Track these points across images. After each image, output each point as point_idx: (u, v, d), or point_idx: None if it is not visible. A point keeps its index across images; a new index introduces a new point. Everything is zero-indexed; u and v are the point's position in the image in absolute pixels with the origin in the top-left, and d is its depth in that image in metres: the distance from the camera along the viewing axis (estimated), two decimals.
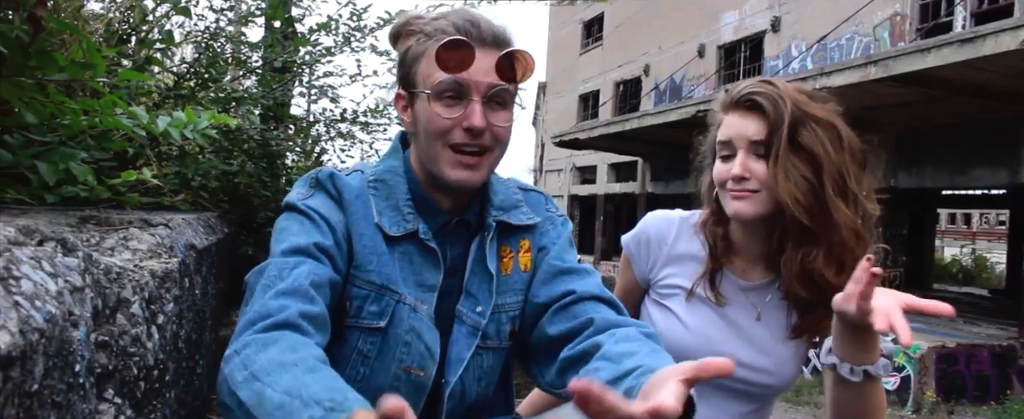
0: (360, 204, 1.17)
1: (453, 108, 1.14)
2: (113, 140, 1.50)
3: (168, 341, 0.94)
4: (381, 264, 1.14)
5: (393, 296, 1.14)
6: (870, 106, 8.59)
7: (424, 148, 1.18)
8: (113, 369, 0.76)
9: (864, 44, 11.81)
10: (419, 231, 1.17)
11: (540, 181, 27.86)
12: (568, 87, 24.71)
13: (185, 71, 2.10)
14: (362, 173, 1.23)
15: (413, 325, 1.14)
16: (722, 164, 1.41)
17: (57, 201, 1.41)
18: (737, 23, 15.26)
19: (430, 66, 1.13)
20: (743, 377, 1.43)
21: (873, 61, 7.65)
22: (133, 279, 0.85)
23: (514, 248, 1.27)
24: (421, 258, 1.18)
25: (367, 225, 1.15)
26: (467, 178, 1.16)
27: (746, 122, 1.38)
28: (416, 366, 1.14)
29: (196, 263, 1.18)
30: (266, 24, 2.62)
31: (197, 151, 1.91)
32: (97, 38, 1.96)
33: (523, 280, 1.27)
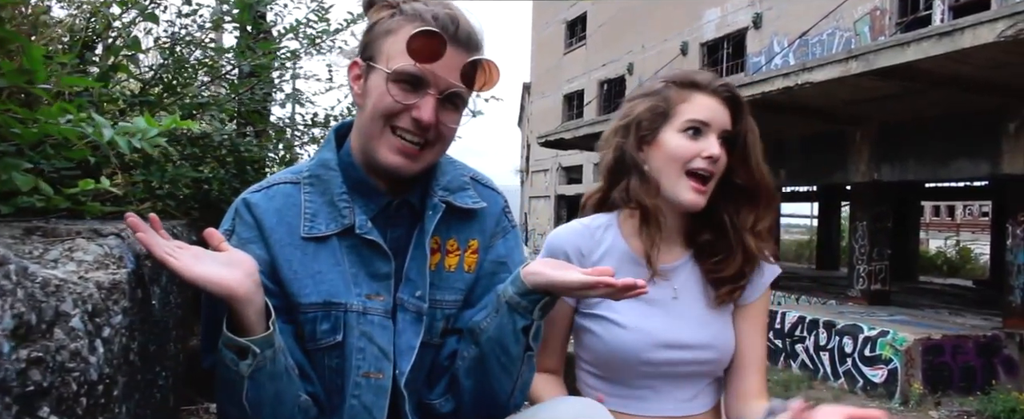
0: (283, 227, 1.15)
1: (408, 94, 1.12)
2: (74, 149, 1.47)
3: (116, 354, 0.91)
4: (318, 282, 1.13)
5: (338, 308, 1.13)
6: (852, 100, 8.63)
7: (366, 124, 1.16)
8: (49, 386, 0.73)
9: (845, 39, 11.87)
10: (355, 225, 1.15)
11: (527, 181, 27.87)
12: (553, 87, 24.73)
13: (151, 77, 2.06)
14: (285, 183, 1.20)
15: (364, 330, 1.13)
16: (689, 141, 1.43)
17: (12, 212, 1.38)
18: (719, 20, 15.32)
19: (397, 46, 1.12)
20: (690, 358, 1.47)
21: (854, 56, 7.66)
22: (74, 292, 0.82)
23: (462, 245, 1.25)
24: (367, 250, 1.16)
25: (293, 248, 1.14)
26: (402, 165, 1.14)
27: (722, 110, 1.45)
28: (373, 370, 1.13)
29: (153, 273, 1.15)
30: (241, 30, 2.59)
31: (162, 159, 1.88)
32: (58, 45, 1.92)
33: (465, 281, 1.25)
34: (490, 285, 1.26)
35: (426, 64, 1.10)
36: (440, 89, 1.13)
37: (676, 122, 1.44)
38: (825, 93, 8.31)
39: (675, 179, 1.43)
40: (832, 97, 8.59)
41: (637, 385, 1.49)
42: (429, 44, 1.09)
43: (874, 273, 9.71)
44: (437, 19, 1.12)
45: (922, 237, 20.73)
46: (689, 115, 1.43)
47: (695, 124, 1.43)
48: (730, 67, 15.02)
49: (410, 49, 1.09)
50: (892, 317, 8.19)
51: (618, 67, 19.64)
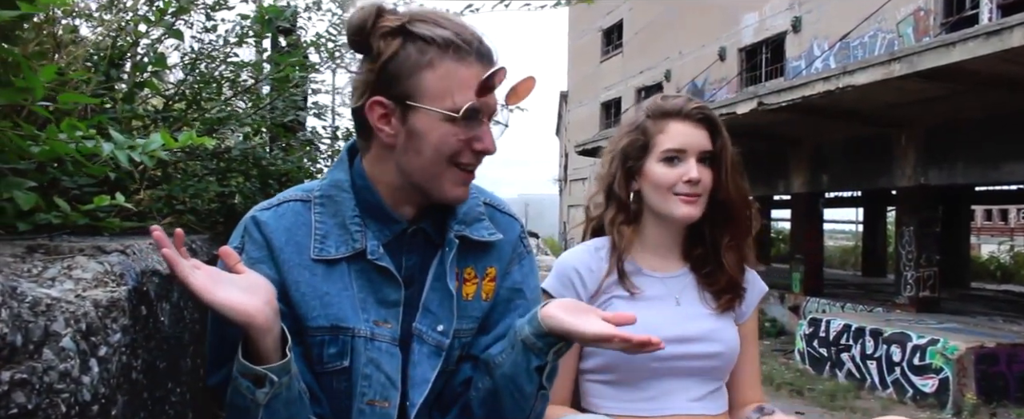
0: (292, 247, 1.12)
1: (469, 130, 1.09)
2: (94, 165, 1.47)
3: (114, 373, 0.89)
4: (326, 305, 1.10)
5: (346, 333, 1.10)
6: (896, 103, 8.42)
7: (423, 165, 1.11)
8: (34, 408, 0.72)
9: (888, 41, 11.59)
10: (367, 250, 1.12)
11: (565, 190, 27.80)
12: (590, 95, 24.65)
13: (173, 93, 2.08)
14: (295, 201, 1.17)
15: (371, 357, 1.10)
16: (668, 168, 1.56)
17: (29, 229, 1.39)
18: (757, 25, 15.09)
19: (446, 83, 1.06)
20: (697, 351, 1.55)
21: (897, 57, 7.48)
22: (67, 311, 0.81)
23: (479, 274, 1.22)
24: (378, 276, 1.13)
25: (302, 269, 1.11)
26: (464, 195, 1.14)
27: (697, 132, 1.55)
28: (379, 398, 1.10)
29: (161, 289, 1.14)
30: (272, 43, 2.61)
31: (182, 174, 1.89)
32: (83, 63, 1.95)
33: (481, 309, 1.22)
34: (506, 311, 1.24)
35: (488, 97, 1.09)
36: (489, 114, 1.12)
37: (656, 152, 1.57)
38: (867, 96, 8.13)
39: (665, 200, 1.56)
40: (875, 100, 8.39)
41: (645, 386, 1.55)
42: (495, 80, 1.08)
43: (923, 279, 9.44)
44: (467, 42, 1.09)
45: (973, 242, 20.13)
46: (665, 145, 1.56)
47: (671, 153, 1.55)
48: (769, 72, 14.78)
49: (482, 87, 1.07)
50: (942, 325, 7.92)
51: (655, 74, 19.49)
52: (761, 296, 1.71)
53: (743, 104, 9.46)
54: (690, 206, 1.54)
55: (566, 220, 27.83)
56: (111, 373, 0.89)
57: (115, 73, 2.02)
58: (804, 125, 10.08)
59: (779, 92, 8.92)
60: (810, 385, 7.76)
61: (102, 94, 1.93)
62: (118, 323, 0.92)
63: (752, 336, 1.71)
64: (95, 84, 1.88)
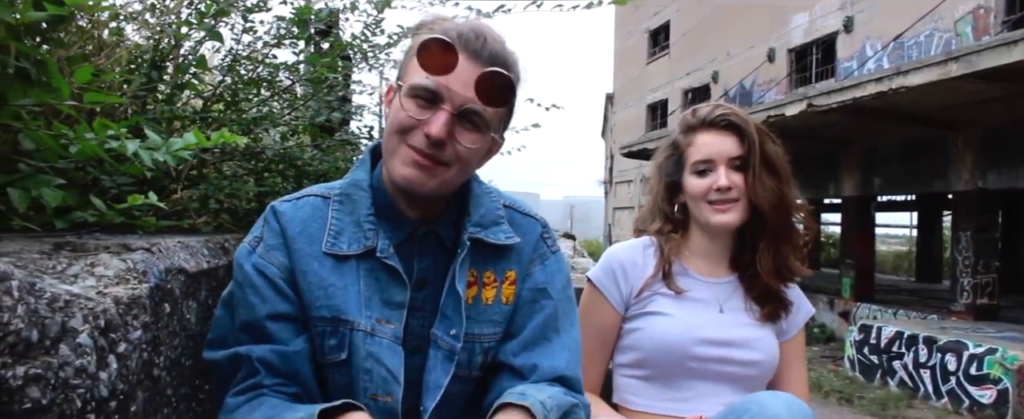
0: (305, 238, 1.14)
1: (421, 110, 1.08)
2: (126, 165, 1.50)
3: (133, 370, 0.90)
4: (328, 296, 1.11)
5: (346, 326, 1.11)
6: (952, 105, 8.15)
7: (386, 142, 1.14)
8: (49, 403, 0.73)
9: (945, 40, 11.23)
10: (377, 248, 1.12)
11: (611, 192, 27.64)
12: (635, 97, 24.45)
13: (211, 95, 2.11)
14: (316, 196, 1.20)
15: (371, 351, 1.10)
16: (700, 179, 1.59)
17: (66, 226, 1.42)
18: (808, 25, 14.78)
19: (415, 62, 1.09)
20: (735, 356, 1.56)
21: (954, 57, 7.24)
22: (86, 307, 0.82)
23: (499, 277, 1.21)
24: (385, 275, 1.13)
25: (312, 259, 1.13)
26: (415, 178, 1.09)
27: (723, 140, 1.58)
28: (381, 393, 1.10)
29: (187, 287, 1.16)
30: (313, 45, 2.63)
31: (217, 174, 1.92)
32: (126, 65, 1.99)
33: (503, 313, 1.20)
34: (530, 313, 1.22)
35: (438, 76, 1.06)
36: (455, 105, 1.08)
37: (688, 165, 1.62)
38: (922, 97, 7.89)
39: (702, 210, 1.61)
40: (930, 101, 8.14)
41: (681, 385, 1.56)
42: (440, 54, 1.05)
43: (980, 286, 9.11)
44: (460, 34, 1.09)
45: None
46: (694, 157, 1.61)
47: (701, 165, 1.60)
48: (819, 73, 14.45)
49: (421, 59, 1.06)
50: (1001, 333, 7.64)
51: (702, 76, 19.23)
52: (807, 318, 1.72)
53: (792, 105, 9.28)
54: (723, 214, 1.57)
55: (611, 222, 27.65)
56: (130, 369, 0.90)
57: (156, 75, 2.05)
58: (855, 127, 9.85)
59: (829, 93, 8.72)
60: (860, 393, 7.56)
61: (143, 95, 1.97)
62: (138, 320, 0.93)
63: (799, 355, 1.71)
64: (137, 85, 1.91)
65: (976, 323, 8.55)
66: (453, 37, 1.07)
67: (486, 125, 1.11)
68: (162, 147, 1.15)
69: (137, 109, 1.92)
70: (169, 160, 1.17)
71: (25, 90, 0.97)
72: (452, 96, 1.07)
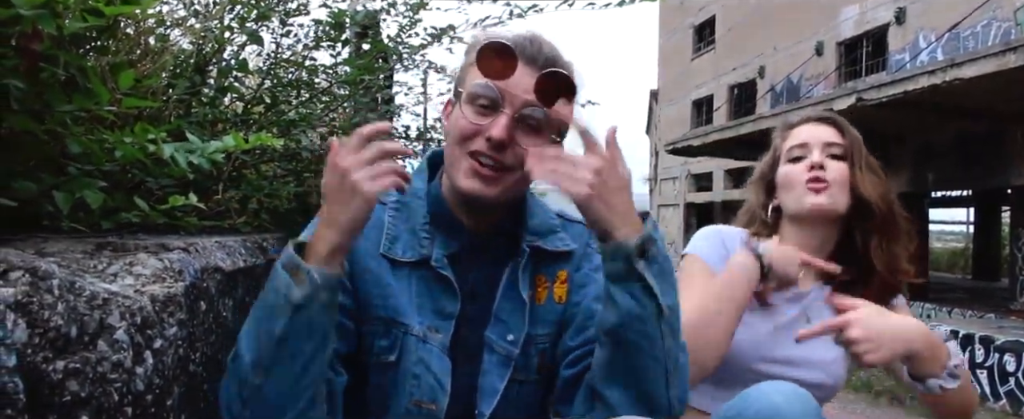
0: (362, 238, 1.12)
1: (482, 116, 1.10)
2: (165, 168, 1.55)
3: (169, 365, 0.94)
4: (386, 296, 1.12)
5: (400, 329, 1.12)
6: (1011, 97, 7.88)
7: (447, 153, 1.16)
8: (87, 396, 0.76)
9: (1003, 30, 10.87)
10: (432, 258, 1.14)
11: (655, 189, 27.40)
12: (680, 93, 24.19)
13: (251, 97, 2.17)
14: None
15: (422, 357, 1.11)
16: (794, 165, 1.55)
17: (112, 227, 1.47)
18: (858, 17, 14.44)
19: (473, 70, 1.11)
20: (798, 377, 1.44)
21: (1013, 48, 6.99)
22: (123, 305, 0.85)
23: (550, 278, 1.22)
24: (437, 285, 1.14)
25: (370, 259, 1.14)
26: (478, 189, 1.10)
27: (821, 128, 1.57)
28: (426, 399, 1.10)
29: (223, 285, 1.19)
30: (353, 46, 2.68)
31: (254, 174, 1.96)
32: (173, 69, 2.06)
33: (556, 312, 1.21)
34: (581, 298, 1.22)
35: (498, 80, 1.08)
36: (515, 107, 1.09)
37: (784, 158, 1.60)
38: (979, 90, 7.64)
39: (796, 196, 1.55)
40: (987, 94, 7.88)
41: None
42: (499, 59, 1.06)
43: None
44: (514, 40, 1.11)
45: None
46: (789, 145, 1.59)
47: (796, 152, 1.57)
48: (870, 66, 14.11)
49: (479, 65, 1.08)
50: None
51: (748, 71, 18.93)
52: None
53: (841, 100, 9.07)
54: (818, 194, 1.50)
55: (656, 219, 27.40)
56: (166, 365, 0.93)
57: (200, 79, 2.11)
58: (907, 121, 9.59)
59: (879, 87, 8.51)
60: (912, 394, 7.36)
61: (187, 98, 2.03)
62: (174, 317, 0.96)
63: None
64: (181, 89, 1.98)
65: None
66: (509, 42, 1.08)
67: (548, 127, 1.12)
68: (198, 150, 1.19)
69: (182, 112, 1.98)
70: (204, 163, 1.21)
71: (68, 96, 1.02)
72: (512, 99, 1.09)
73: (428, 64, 2.51)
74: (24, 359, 0.66)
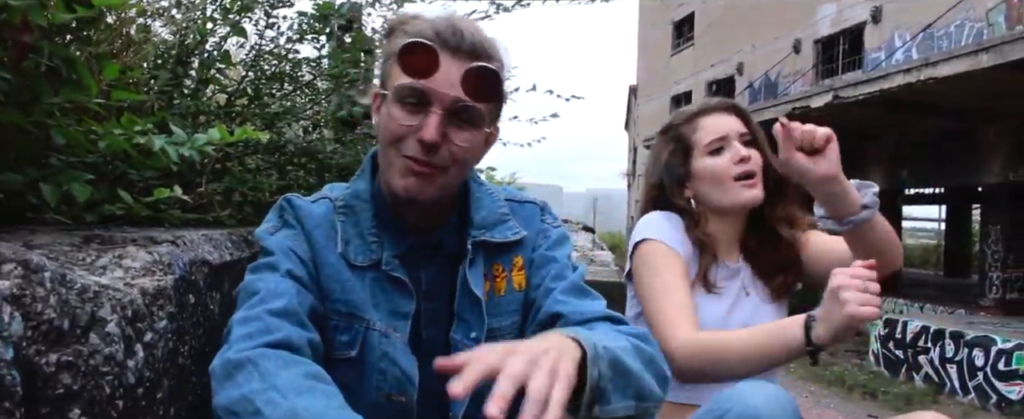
0: (321, 233, 1.13)
1: (412, 115, 1.06)
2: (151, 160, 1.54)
3: (159, 358, 0.94)
4: (346, 291, 1.10)
5: (361, 323, 1.10)
6: (983, 96, 8.02)
7: (381, 154, 1.13)
8: (79, 389, 0.76)
9: (976, 30, 11.04)
10: (382, 261, 1.12)
11: (633, 185, 27.52)
12: (660, 89, 24.31)
13: (234, 90, 2.15)
14: (328, 200, 1.18)
15: (386, 351, 1.10)
16: (717, 158, 1.56)
17: (96, 220, 1.46)
18: (835, 15, 14.59)
19: (396, 67, 1.06)
20: None
21: (985, 48, 7.11)
22: (114, 298, 0.85)
23: (507, 267, 1.21)
24: (391, 286, 1.12)
25: (329, 253, 1.12)
26: (413, 187, 1.08)
27: (726, 119, 1.59)
28: (395, 392, 1.10)
29: (211, 278, 1.19)
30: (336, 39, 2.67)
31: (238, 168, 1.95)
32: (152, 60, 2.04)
33: (517, 300, 1.20)
34: (543, 278, 1.20)
35: (423, 79, 1.04)
36: (444, 105, 1.05)
37: (699, 150, 1.59)
38: (952, 89, 7.76)
39: (726, 191, 1.56)
40: (961, 93, 8.01)
41: (702, 388, 1.51)
42: (419, 56, 1.02)
43: (1010, 281, 8.99)
44: (437, 32, 1.06)
45: None
46: (706, 139, 1.58)
47: (715, 144, 1.57)
48: (846, 64, 14.27)
49: (402, 63, 1.03)
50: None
51: (727, 67, 19.07)
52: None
53: (818, 97, 9.18)
54: (752, 189, 1.54)
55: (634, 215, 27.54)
56: (156, 358, 0.93)
57: (182, 70, 2.09)
58: (883, 119, 9.72)
59: (856, 85, 8.62)
60: (885, 388, 7.49)
61: (169, 90, 2.02)
62: (164, 310, 0.96)
63: (831, 242, 1.59)
64: (163, 81, 1.96)
65: (1005, 318, 8.43)
66: (430, 36, 1.05)
67: (480, 119, 1.09)
68: (187, 143, 1.18)
69: (163, 104, 1.96)
70: (194, 155, 1.21)
71: (55, 88, 1.01)
72: (440, 96, 1.05)
73: None
74: (20, 352, 0.66)
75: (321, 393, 0.88)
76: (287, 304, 1.00)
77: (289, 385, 0.87)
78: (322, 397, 0.87)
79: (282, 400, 0.85)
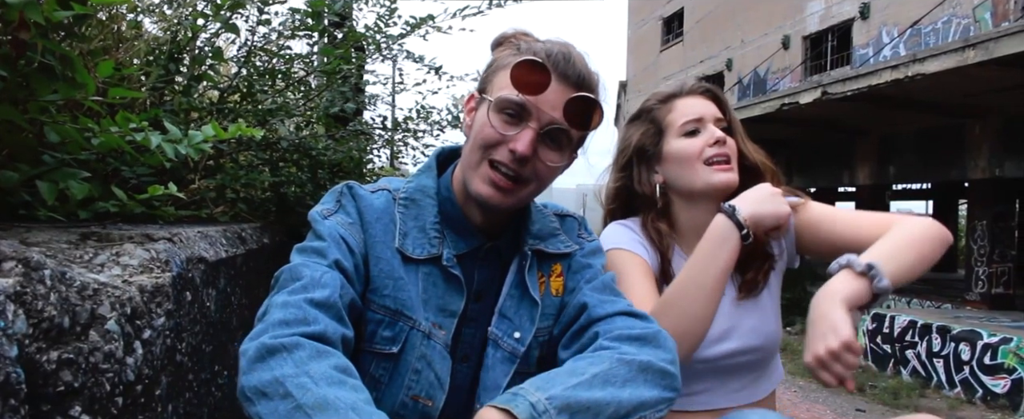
0: (380, 226, 1.15)
1: (508, 126, 1.12)
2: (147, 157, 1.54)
3: (158, 355, 0.94)
4: (397, 289, 1.11)
5: (407, 322, 1.11)
6: (970, 92, 8.08)
7: (467, 154, 1.17)
8: (80, 386, 0.76)
9: (963, 27, 11.12)
10: (443, 257, 1.14)
11: None
12: (649, 85, 24.32)
13: (227, 86, 2.15)
14: (387, 191, 1.20)
15: (425, 353, 1.11)
16: (691, 139, 1.50)
17: (89, 217, 1.46)
18: (823, 12, 14.66)
19: (505, 78, 1.12)
20: (735, 347, 1.49)
21: (971, 44, 7.16)
22: (113, 295, 0.85)
23: (546, 273, 1.24)
24: (445, 283, 1.15)
25: (385, 248, 1.13)
26: (492, 196, 1.13)
27: (703, 103, 1.52)
28: (424, 395, 1.10)
29: (207, 276, 1.19)
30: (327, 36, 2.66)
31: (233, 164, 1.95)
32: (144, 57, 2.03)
33: (554, 305, 1.23)
34: (578, 281, 1.25)
35: (529, 95, 1.10)
36: (541, 123, 1.11)
37: (672, 131, 1.52)
38: (939, 85, 7.82)
39: (697, 174, 1.49)
40: (947, 89, 8.07)
41: (690, 384, 1.49)
42: (533, 74, 1.08)
43: (996, 275, 9.07)
44: (549, 55, 1.12)
45: None
46: (681, 120, 1.51)
47: (690, 125, 1.50)
48: (834, 60, 14.34)
49: (513, 77, 1.09)
50: (1016, 323, 7.60)
51: (716, 63, 19.12)
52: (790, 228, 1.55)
53: (806, 93, 9.22)
54: (726, 172, 1.47)
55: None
56: (155, 355, 0.93)
57: (174, 67, 2.09)
58: (871, 115, 9.78)
59: (844, 81, 8.66)
60: (872, 382, 7.56)
61: (161, 87, 2.01)
62: (162, 308, 0.96)
63: (825, 214, 1.53)
64: (155, 78, 1.95)
65: (991, 312, 8.51)
66: (544, 58, 1.10)
67: (568, 143, 1.15)
68: (184, 140, 1.18)
69: (155, 101, 1.96)
70: (191, 153, 1.20)
71: (52, 85, 1.01)
72: (540, 115, 1.11)
73: (406, 54, 2.50)
74: (23, 350, 0.66)
75: (351, 387, 0.90)
76: (329, 296, 1.00)
77: (321, 374, 0.88)
78: (351, 391, 0.89)
79: (314, 387, 0.86)
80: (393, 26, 2.34)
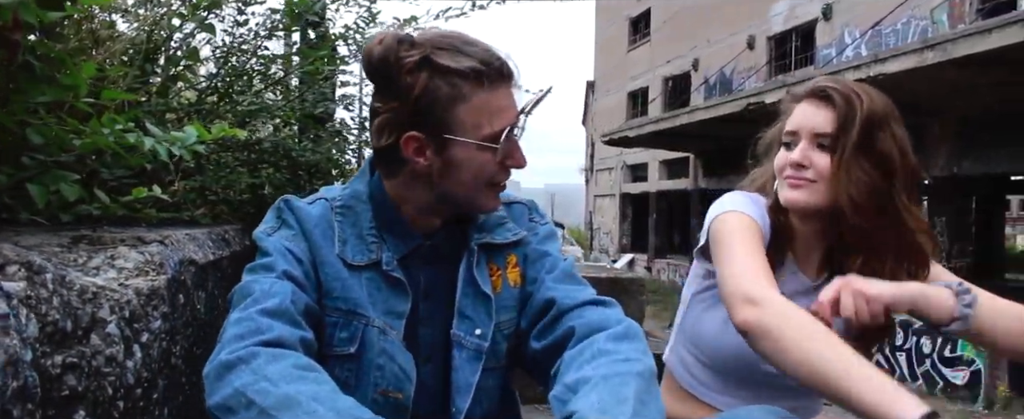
0: (320, 233, 1.15)
1: (500, 153, 1.13)
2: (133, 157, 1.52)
3: (155, 358, 0.94)
4: (346, 289, 1.12)
5: (361, 320, 1.11)
6: (929, 92, 8.27)
7: (463, 191, 1.15)
8: (83, 390, 0.76)
9: (921, 28, 11.38)
10: (382, 261, 1.14)
11: (591, 180, 27.72)
12: (616, 85, 24.51)
13: (205, 87, 2.13)
14: (325, 200, 1.20)
15: (384, 348, 1.12)
16: (784, 152, 1.39)
17: (72, 220, 1.44)
18: (787, 12, 14.90)
19: (480, 114, 1.09)
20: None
21: (930, 45, 7.35)
22: (112, 298, 0.85)
23: (501, 265, 1.24)
24: (389, 287, 1.14)
25: (329, 253, 1.13)
26: (498, 205, 1.19)
27: (815, 112, 1.37)
28: (392, 389, 1.11)
29: (197, 278, 1.19)
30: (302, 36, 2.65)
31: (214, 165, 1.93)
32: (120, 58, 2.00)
33: (514, 296, 1.23)
34: (538, 270, 1.25)
35: (515, 115, 1.12)
36: (521, 129, 1.15)
37: (781, 137, 1.43)
38: (900, 85, 7.99)
39: (780, 186, 1.40)
40: (907, 89, 8.25)
41: (749, 392, 1.45)
42: (508, 98, 1.12)
43: (955, 270, 9.19)
44: (494, 68, 1.10)
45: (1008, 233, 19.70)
46: (786, 128, 1.41)
47: (787, 136, 1.40)
48: (798, 60, 14.59)
49: (504, 115, 1.11)
50: None
51: (683, 63, 19.32)
52: None
53: (771, 93, 9.37)
54: (794, 190, 1.35)
55: (592, 209, 27.76)
56: (153, 358, 0.93)
57: (149, 67, 2.06)
58: None
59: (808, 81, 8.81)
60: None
61: (137, 88, 1.98)
62: (158, 310, 0.96)
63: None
64: (131, 78, 1.93)
65: None
66: (497, 70, 1.10)
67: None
68: (177, 141, 1.18)
69: (133, 102, 1.93)
70: (186, 154, 1.20)
71: (41, 87, 1.00)
72: (517, 122, 1.14)
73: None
74: (36, 354, 0.66)
75: (313, 380, 0.90)
76: (280, 303, 1.01)
77: (280, 375, 0.88)
78: (314, 383, 0.89)
79: (274, 388, 0.86)
80: (374, 26, 2.34)
